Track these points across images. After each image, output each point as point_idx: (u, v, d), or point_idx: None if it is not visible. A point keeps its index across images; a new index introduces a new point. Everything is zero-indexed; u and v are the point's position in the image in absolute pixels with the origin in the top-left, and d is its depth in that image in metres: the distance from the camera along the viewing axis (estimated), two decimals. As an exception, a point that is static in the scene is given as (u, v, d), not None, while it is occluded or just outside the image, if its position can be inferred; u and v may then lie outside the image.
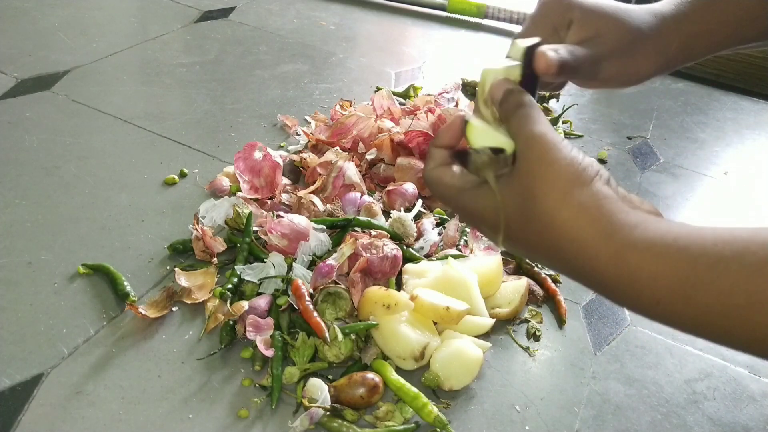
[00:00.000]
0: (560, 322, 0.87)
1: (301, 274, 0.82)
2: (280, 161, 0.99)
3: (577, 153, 0.39)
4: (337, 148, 1.05)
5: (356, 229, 0.90)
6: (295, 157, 1.06)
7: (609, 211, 0.36)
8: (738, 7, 0.48)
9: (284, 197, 0.96)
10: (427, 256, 0.91)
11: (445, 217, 0.98)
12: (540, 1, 0.49)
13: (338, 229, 0.91)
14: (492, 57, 1.66)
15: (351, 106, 1.24)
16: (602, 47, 0.46)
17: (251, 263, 0.85)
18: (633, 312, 0.37)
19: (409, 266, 0.86)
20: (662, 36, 0.48)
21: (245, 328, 0.75)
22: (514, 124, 0.41)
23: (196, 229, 0.88)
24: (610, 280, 0.37)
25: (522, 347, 0.83)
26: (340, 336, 0.73)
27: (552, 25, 0.48)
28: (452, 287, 0.81)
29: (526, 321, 0.86)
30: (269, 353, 0.73)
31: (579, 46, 0.46)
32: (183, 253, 0.89)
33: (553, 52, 0.43)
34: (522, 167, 0.39)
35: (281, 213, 0.89)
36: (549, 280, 0.91)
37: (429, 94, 1.28)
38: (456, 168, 0.45)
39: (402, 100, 1.32)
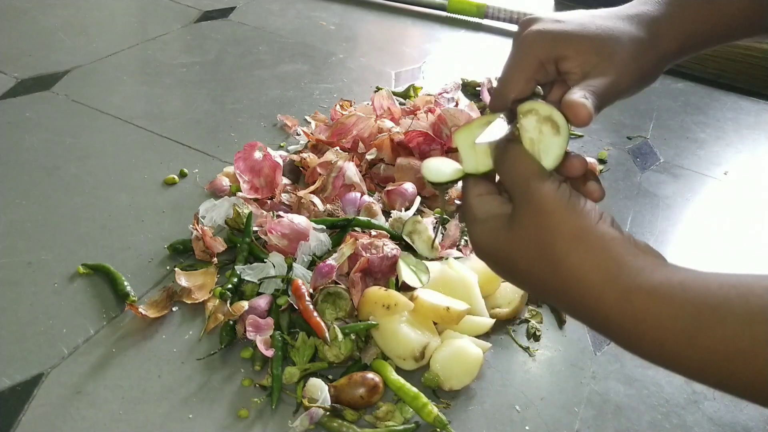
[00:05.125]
0: (560, 322, 0.87)
1: (301, 274, 0.82)
2: (280, 161, 0.99)
3: (576, 199, 0.39)
4: (337, 148, 1.05)
5: (356, 229, 0.90)
6: (295, 157, 1.06)
7: (616, 254, 0.37)
8: (731, 5, 0.48)
9: (284, 197, 0.96)
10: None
11: (445, 217, 0.98)
12: (518, 39, 0.46)
13: (338, 229, 0.91)
14: (491, 58, 1.66)
15: (351, 106, 1.24)
16: (610, 72, 0.45)
17: (251, 263, 0.85)
18: (637, 356, 0.38)
19: None
20: (658, 39, 0.47)
21: (245, 328, 0.75)
22: (507, 170, 0.42)
23: (196, 229, 0.88)
24: (614, 322, 0.37)
25: (522, 347, 0.83)
26: (340, 336, 0.73)
27: (538, 59, 0.45)
28: (452, 287, 0.81)
29: (526, 321, 0.86)
30: (269, 353, 0.73)
31: (589, 78, 0.44)
32: (183, 253, 0.89)
33: (584, 99, 0.41)
34: (523, 215, 0.40)
35: (281, 213, 0.89)
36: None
37: (429, 94, 1.28)
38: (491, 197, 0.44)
39: (402, 100, 1.32)
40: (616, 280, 0.36)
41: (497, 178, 0.45)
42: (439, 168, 0.47)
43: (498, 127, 0.43)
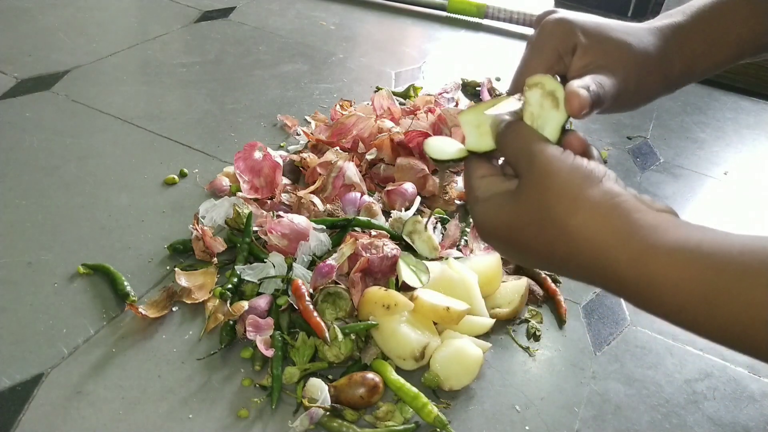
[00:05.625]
0: (560, 322, 0.87)
1: (301, 274, 0.82)
2: (280, 161, 0.99)
3: (581, 159, 0.38)
4: (337, 148, 1.05)
5: (356, 229, 0.90)
6: (295, 157, 1.06)
7: (625, 210, 0.36)
8: (738, 24, 0.47)
9: (284, 197, 0.96)
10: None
11: (445, 217, 0.98)
12: (539, 26, 0.46)
13: (338, 229, 0.91)
14: (491, 58, 1.66)
15: (351, 106, 1.24)
16: (614, 77, 0.43)
17: (251, 263, 0.85)
18: (655, 315, 0.36)
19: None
20: (666, 57, 0.46)
21: (245, 328, 0.75)
22: (509, 142, 0.41)
23: (196, 229, 0.88)
24: (630, 285, 0.36)
25: (522, 347, 0.83)
26: (340, 336, 0.73)
27: (556, 51, 0.44)
28: (452, 287, 0.81)
29: (526, 321, 0.86)
30: (269, 353, 0.73)
31: (591, 73, 0.43)
32: (183, 253, 0.89)
33: (584, 91, 0.40)
34: (527, 182, 0.39)
35: (281, 213, 0.89)
36: (549, 279, 0.91)
37: (429, 94, 1.28)
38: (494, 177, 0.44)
39: (402, 100, 1.32)
40: (629, 240, 0.35)
41: (501, 161, 0.45)
42: (441, 146, 0.47)
43: (508, 105, 0.43)
